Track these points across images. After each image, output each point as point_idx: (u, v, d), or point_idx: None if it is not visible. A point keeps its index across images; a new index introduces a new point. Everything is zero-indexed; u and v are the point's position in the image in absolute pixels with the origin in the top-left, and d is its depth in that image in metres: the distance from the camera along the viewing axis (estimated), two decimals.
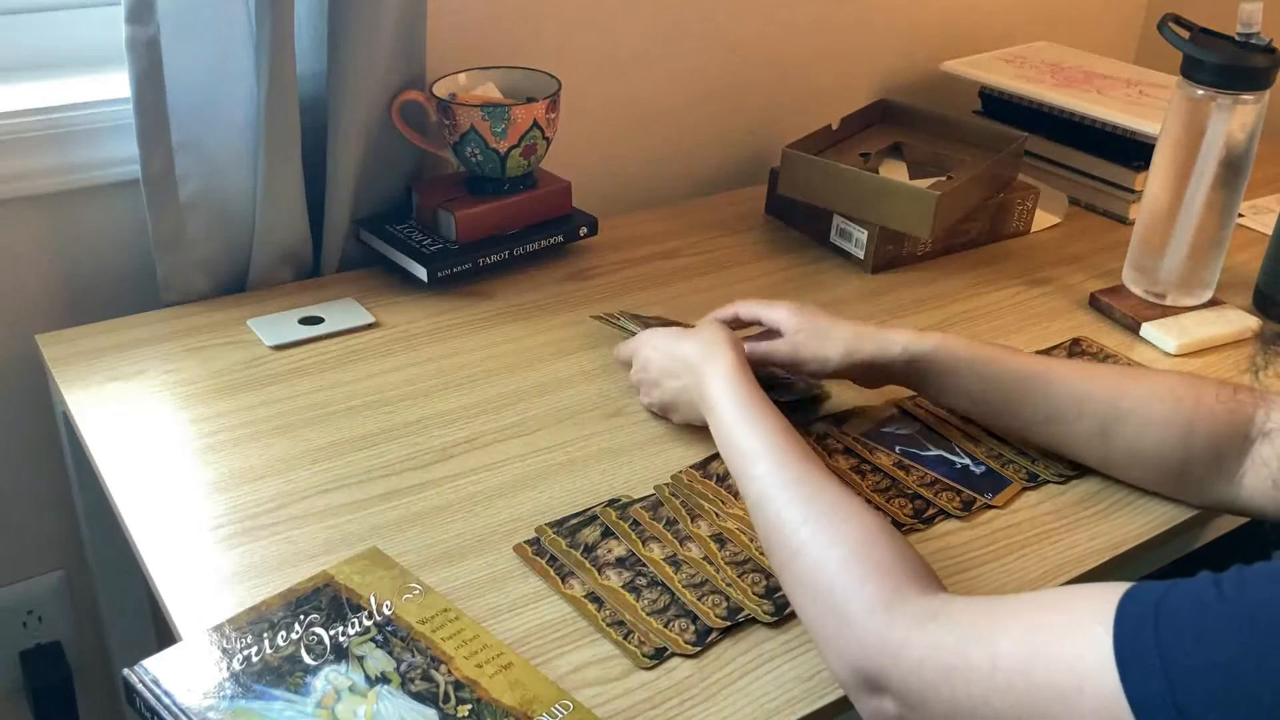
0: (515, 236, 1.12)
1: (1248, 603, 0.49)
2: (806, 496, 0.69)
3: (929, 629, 0.59)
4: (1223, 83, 1.02)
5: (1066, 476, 0.87)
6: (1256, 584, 0.50)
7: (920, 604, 0.60)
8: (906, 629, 0.59)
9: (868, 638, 0.61)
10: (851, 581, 0.63)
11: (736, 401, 0.78)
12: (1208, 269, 1.10)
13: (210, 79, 0.97)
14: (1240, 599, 0.50)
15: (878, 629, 0.60)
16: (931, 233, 1.12)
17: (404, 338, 1.02)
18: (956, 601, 0.60)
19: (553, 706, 0.64)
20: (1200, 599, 0.51)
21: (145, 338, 0.99)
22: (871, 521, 0.66)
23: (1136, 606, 0.52)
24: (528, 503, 0.82)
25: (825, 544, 0.65)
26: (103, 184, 1.03)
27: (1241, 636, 0.48)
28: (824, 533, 0.66)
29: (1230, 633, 0.49)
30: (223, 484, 0.82)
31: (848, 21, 1.41)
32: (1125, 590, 0.53)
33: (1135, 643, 0.50)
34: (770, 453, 0.73)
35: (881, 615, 0.61)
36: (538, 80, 1.13)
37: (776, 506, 0.70)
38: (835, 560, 0.64)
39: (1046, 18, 1.61)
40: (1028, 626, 0.56)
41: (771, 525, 0.70)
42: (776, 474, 0.71)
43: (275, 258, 1.07)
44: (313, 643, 0.66)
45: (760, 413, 0.77)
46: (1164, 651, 0.49)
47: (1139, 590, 0.53)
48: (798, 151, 1.18)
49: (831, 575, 0.64)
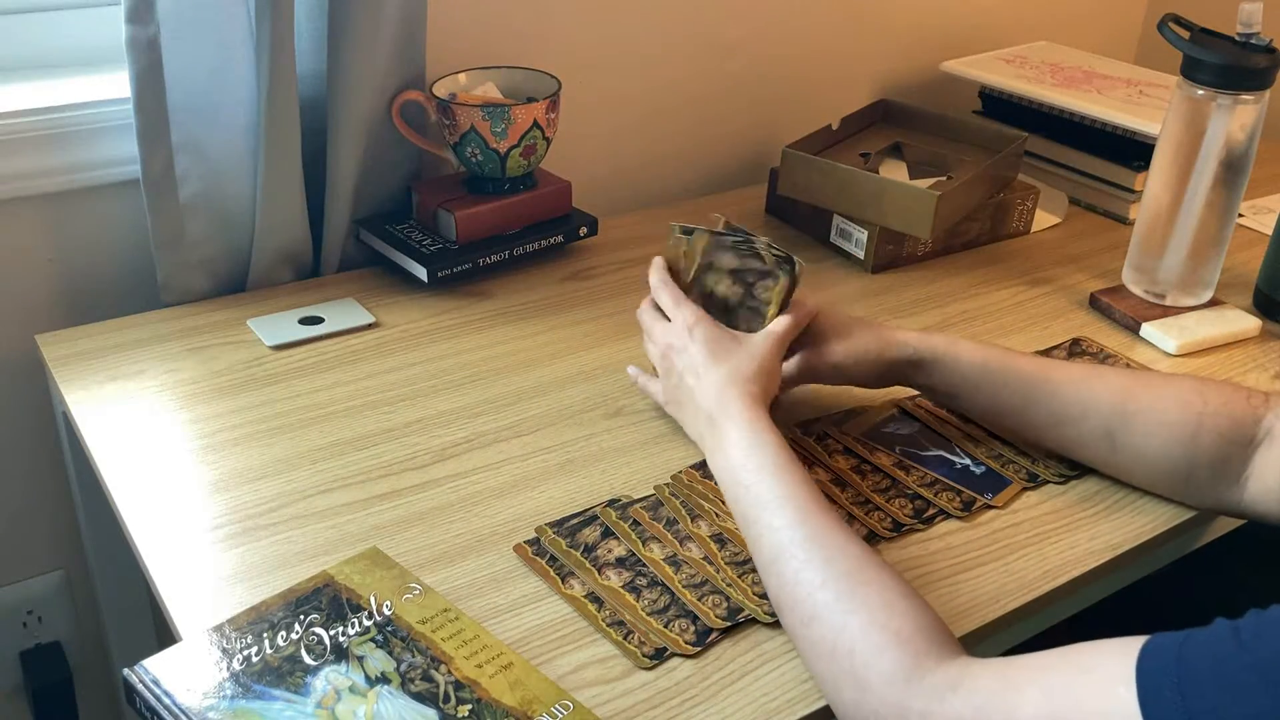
0: (515, 236, 1.12)
1: (1268, 653, 0.49)
2: (827, 558, 0.67)
3: (949, 701, 0.58)
4: (1223, 83, 1.02)
5: (1066, 476, 0.87)
6: (1275, 633, 0.50)
7: (940, 674, 0.60)
8: (926, 702, 0.59)
9: (886, 710, 0.60)
10: (871, 650, 0.62)
11: (757, 445, 0.75)
12: (1208, 269, 1.10)
13: (210, 79, 0.97)
14: (1260, 648, 0.50)
15: (897, 700, 0.60)
16: (932, 233, 1.12)
17: (404, 338, 1.02)
18: (974, 667, 0.60)
19: (553, 706, 0.64)
20: (1220, 652, 0.50)
21: (145, 338, 0.99)
22: (892, 585, 0.65)
23: (1157, 663, 0.52)
24: (528, 503, 0.82)
25: (845, 610, 0.64)
26: (103, 184, 1.03)
27: (1265, 690, 0.48)
28: (844, 598, 0.64)
29: (1253, 686, 0.49)
30: (223, 484, 0.82)
31: (848, 21, 1.42)
32: (1142, 645, 0.53)
33: (1160, 703, 0.50)
34: (791, 503, 0.70)
35: (901, 687, 0.60)
36: (538, 80, 1.13)
37: (795, 565, 0.67)
38: (855, 627, 0.63)
39: (1046, 18, 1.61)
40: (1046, 691, 0.55)
41: (788, 584, 0.68)
42: (798, 529, 0.69)
43: (275, 258, 1.07)
44: (313, 643, 0.66)
45: (784, 460, 0.73)
46: (1189, 706, 0.49)
47: (1157, 644, 0.53)
48: (797, 151, 1.18)
49: (851, 642, 0.63)
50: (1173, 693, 0.50)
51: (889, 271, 1.19)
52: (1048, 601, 0.77)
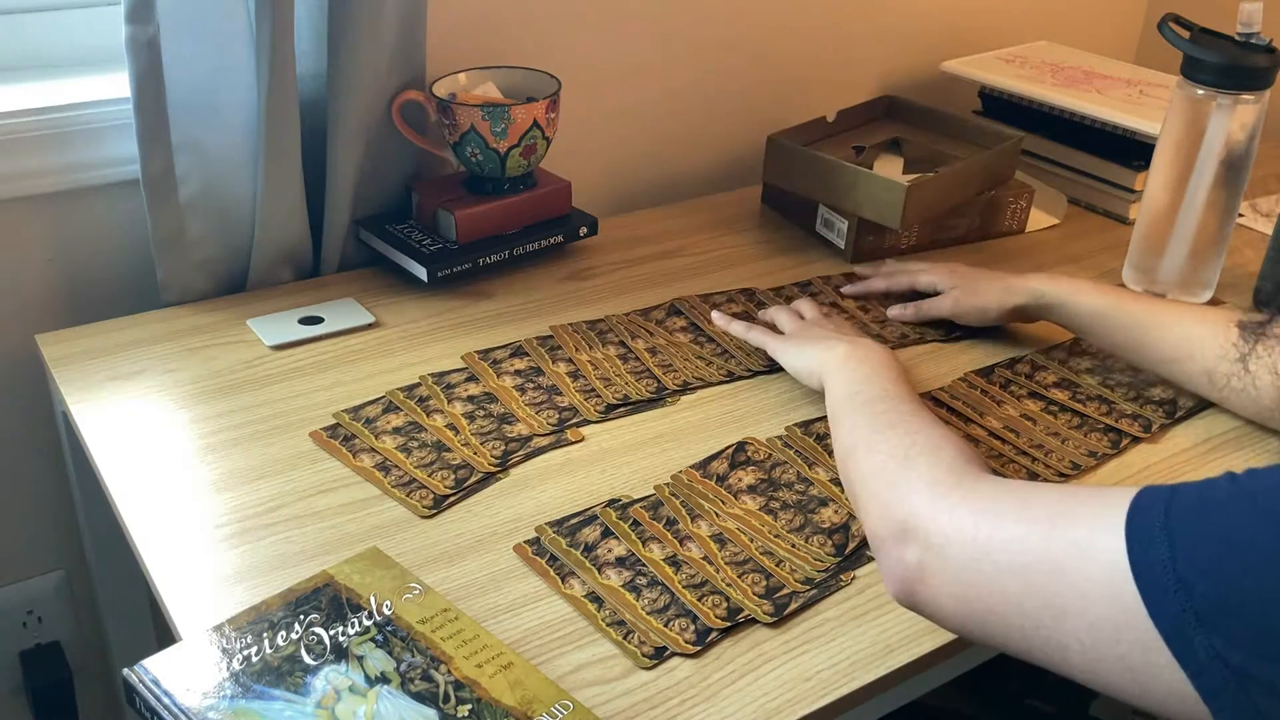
0: (515, 236, 1.12)
1: (1255, 487, 0.51)
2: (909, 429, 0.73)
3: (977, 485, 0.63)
4: (1223, 83, 1.02)
5: (1066, 477, 0.87)
6: (1267, 474, 0.51)
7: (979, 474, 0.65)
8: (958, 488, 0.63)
9: (916, 495, 0.64)
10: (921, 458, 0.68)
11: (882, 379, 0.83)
12: (1208, 269, 1.10)
13: (210, 79, 0.97)
14: (1249, 484, 0.51)
15: (928, 487, 0.64)
16: (902, 224, 1.12)
17: (404, 338, 1.02)
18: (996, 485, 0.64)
19: (553, 706, 0.64)
20: (1212, 483, 0.52)
21: (145, 338, 0.99)
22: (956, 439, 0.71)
23: (1155, 490, 0.54)
24: (528, 503, 0.82)
25: (901, 438, 0.71)
26: (103, 184, 1.03)
27: (1243, 512, 0.49)
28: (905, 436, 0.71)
29: (1233, 510, 0.50)
30: (223, 484, 0.82)
31: (848, 22, 1.42)
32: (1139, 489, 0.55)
33: (1146, 517, 0.52)
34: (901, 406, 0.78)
35: (941, 480, 0.65)
36: (538, 80, 1.13)
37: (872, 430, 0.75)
38: (908, 448, 0.70)
39: (1046, 18, 1.61)
40: (1065, 492, 0.58)
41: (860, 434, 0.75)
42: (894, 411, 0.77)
43: (275, 258, 1.07)
44: (313, 643, 0.66)
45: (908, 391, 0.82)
46: (1170, 525, 0.51)
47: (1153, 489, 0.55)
48: (781, 140, 1.19)
49: (902, 457, 0.69)
50: (1159, 512, 0.52)
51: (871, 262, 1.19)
52: None
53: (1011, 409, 0.95)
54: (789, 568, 0.77)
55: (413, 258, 1.07)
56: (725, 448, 0.88)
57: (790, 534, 0.80)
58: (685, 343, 1.03)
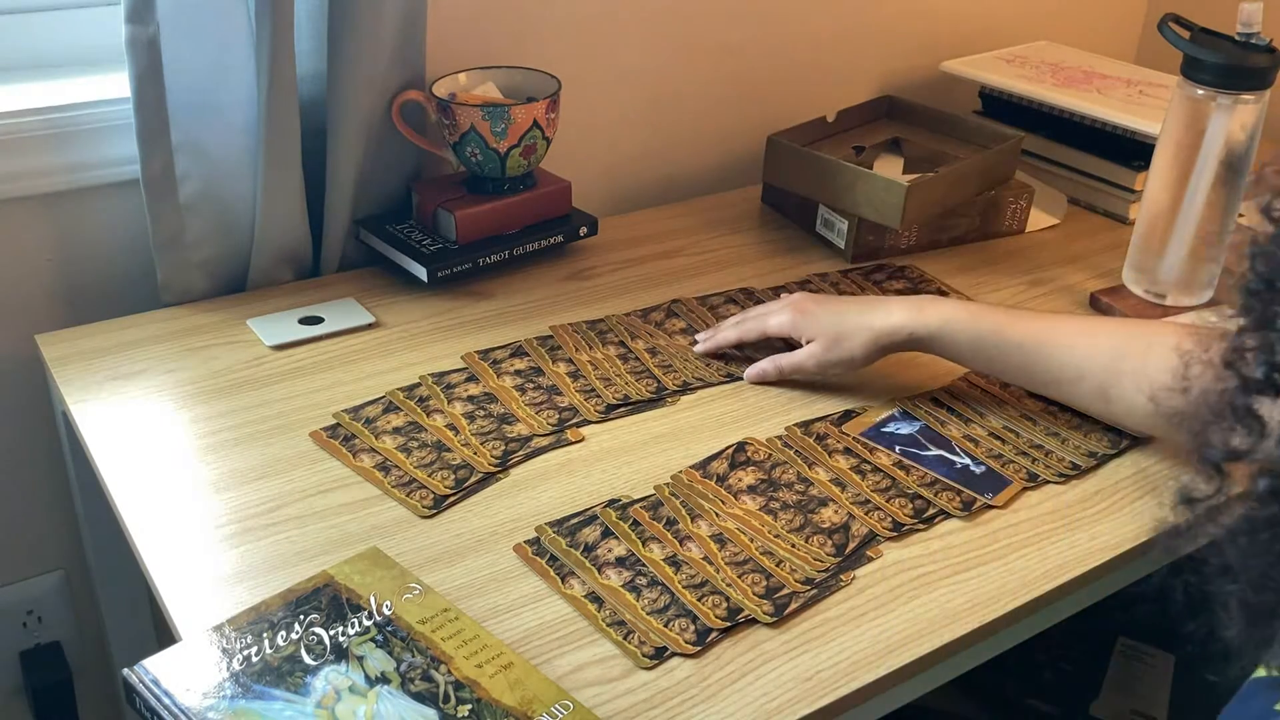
0: (515, 236, 1.12)
1: None
2: None
3: None
4: (1223, 83, 1.02)
5: (1066, 476, 0.87)
6: None
7: None
8: None
9: None
10: None
11: None
12: (1208, 269, 1.10)
13: (210, 79, 0.97)
14: None
15: None
16: (901, 223, 1.12)
17: (404, 338, 1.02)
18: None
19: (553, 706, 0.64)
20: None
21: (145, 338, 0.99)
22: None
23: None
24: (528, 503, 0.82)
25: None
26: (103, 184, 1.03)
27: None
28: None
29: None
30: (223, 484, 0.82)
31: (848, 22, 1.41)
32: None
33: None
34: None
35: None
36: (538, 80, 1.13)
37: None
38: None
39: (1046, 18, 1.61)
40: None
41: None
42: None
43: (275, 258, 1.07)
44: (313, 643, 0.66)
45: None
46: None
47: None
48: (781, 140, 1.19)
49: None
50: None
51: (870, 262, 1.19)
52: (1047, 601, 0.77)
53: (1012, 409, 0.95)
54: (789, 568, 0.77)
55: (413, 258, 1.07)
56: (725, 448, 0.88)
57: (790, 534, 0.80)
58: (685, 344, 1.03)
